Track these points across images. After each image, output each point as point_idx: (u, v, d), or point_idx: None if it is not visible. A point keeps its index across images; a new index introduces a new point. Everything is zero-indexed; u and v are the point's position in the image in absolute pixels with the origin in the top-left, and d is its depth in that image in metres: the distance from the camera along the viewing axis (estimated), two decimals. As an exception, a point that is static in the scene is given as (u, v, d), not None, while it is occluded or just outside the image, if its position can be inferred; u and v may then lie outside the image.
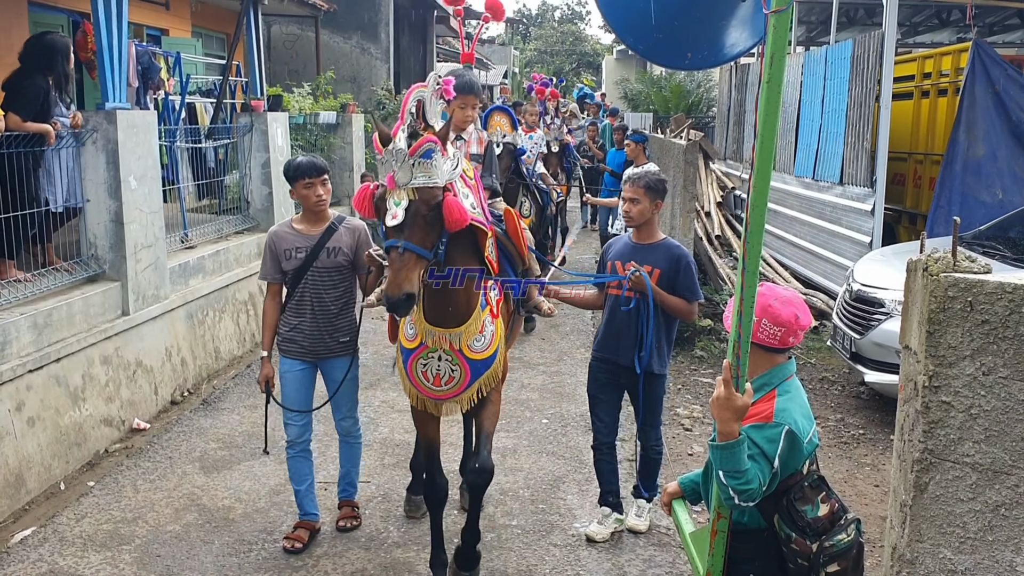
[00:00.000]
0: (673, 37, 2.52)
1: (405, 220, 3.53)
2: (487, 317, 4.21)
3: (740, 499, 2.52)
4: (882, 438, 6.54)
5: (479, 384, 4.20)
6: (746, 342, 2.42)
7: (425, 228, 3.59)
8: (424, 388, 4.22)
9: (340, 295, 4.74)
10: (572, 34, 60.72)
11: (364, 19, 17.82)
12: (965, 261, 2.45)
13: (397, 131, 3.58)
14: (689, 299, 4.69)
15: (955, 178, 9.15)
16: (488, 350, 4.21)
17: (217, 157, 9.64)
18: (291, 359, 4.78)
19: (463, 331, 4.10)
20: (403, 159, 3.50)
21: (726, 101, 16.51)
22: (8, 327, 5.45)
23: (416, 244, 3.54)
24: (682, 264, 4.67)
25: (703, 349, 8.58)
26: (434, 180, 3.56)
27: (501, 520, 5.17)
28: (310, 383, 4.86)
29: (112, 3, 6.63)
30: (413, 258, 3.54)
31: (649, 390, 4.78)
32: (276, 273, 4.74)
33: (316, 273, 4.68)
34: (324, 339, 4.74)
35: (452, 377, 4.16)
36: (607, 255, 4.95)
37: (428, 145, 3.52)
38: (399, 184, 3.53)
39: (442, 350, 4.12)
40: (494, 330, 4.26)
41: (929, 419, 2.45)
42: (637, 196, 4.70)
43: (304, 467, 4.88)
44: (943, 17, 14.51)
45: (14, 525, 5.11)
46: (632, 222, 4.78)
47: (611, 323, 4.79)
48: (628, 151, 9.74)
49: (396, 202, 3.54)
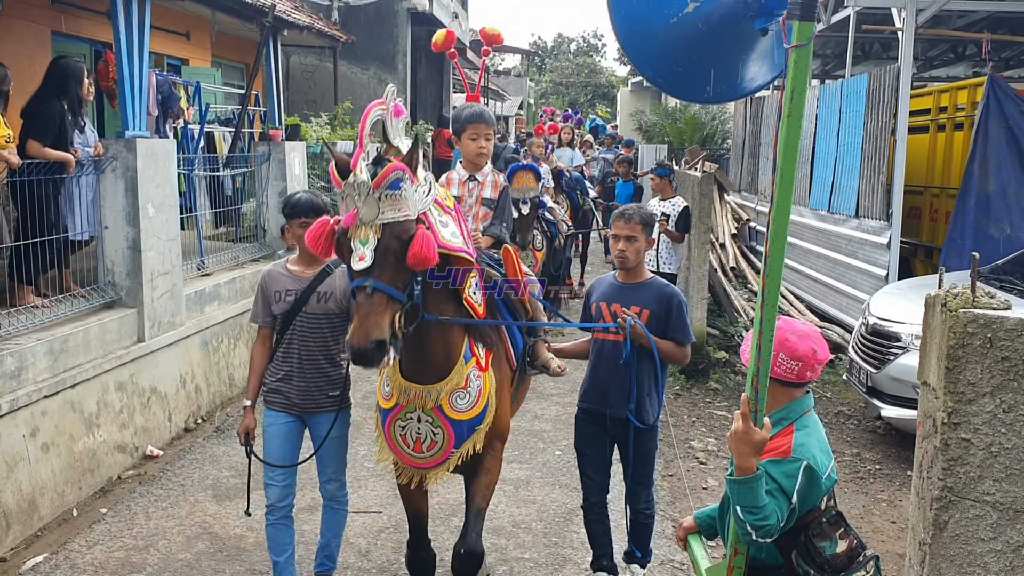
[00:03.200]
0: (693, 71, 2.52)
1: (375, 261, 3.13)
2: (472, 370, 3.75)
3: (757, 535, 2.49)
4: (899, 474, 6.47)
5: (466, 449, 3.77)
6: (765, 376, 2.41)
7: (397, 267, 3.19)
8: (404, 454, 3.80)
9: (330, 345, 4.30)
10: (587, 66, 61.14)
11: (382, 50, 18.00)
12: (984, 297, 2.43)
13: (357, 160, 3.17)
14: (681, 342, 4.30)
15: (968, 213, 9.13)
16: (474, 408, 3.75)
17: (235, 185, 9.71)
18: (276, 411, 4.36)
19: (443, 387, 3.67)
20: (367, 193, 3.11)
21: (741, 133, 16.54)
22: (25, 352, 5.48)
23: (387, 284, 3.15)
24: (674, 304, 4.28)
25: (718, 381, 8.53)
26: (405, 213, 3.17)
27: (513, 553, 5.13)
28: (296, 439, 4.41)
29: (134, 33, 6.73)
30: (384, 300, 3.14)
31: (640, 444, 4.37)
32: (266, 316, 4.35)
33: (304, 320, 4.25)
34: (311, 392, 4.30)
35: (434, 442, 3.72)
36: (591, 297, 4.54)
37: (395, 175, 3.13)
38: (364, 221, 3.12)
39: (421, 410, 3.69)
40: (481, 385, 3.79)
41: (948, 456, 2.42)
42: (635, 234, 4.29)
43: (284, 535, 4.39)
44: (959, 51, 14.52)
45: (26, 551, 5.11)
46: (627, 263, 4.35)
47: (596, 371, 4.42)
48: (653, 185, 9.58)
49: (363, 241, 3.12)
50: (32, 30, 8.97)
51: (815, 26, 2.14)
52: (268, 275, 4.38)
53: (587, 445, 4.55)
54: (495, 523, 5.40)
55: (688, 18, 2.30)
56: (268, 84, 10.51)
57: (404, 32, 18.10)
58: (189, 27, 11.81)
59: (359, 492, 5.87)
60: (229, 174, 9.46)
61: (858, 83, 10.29)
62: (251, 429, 4.34)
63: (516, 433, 6.62)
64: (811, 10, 2.08)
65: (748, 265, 13.39)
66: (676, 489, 6.08)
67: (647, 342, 4.17)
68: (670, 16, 2.33)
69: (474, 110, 4.36)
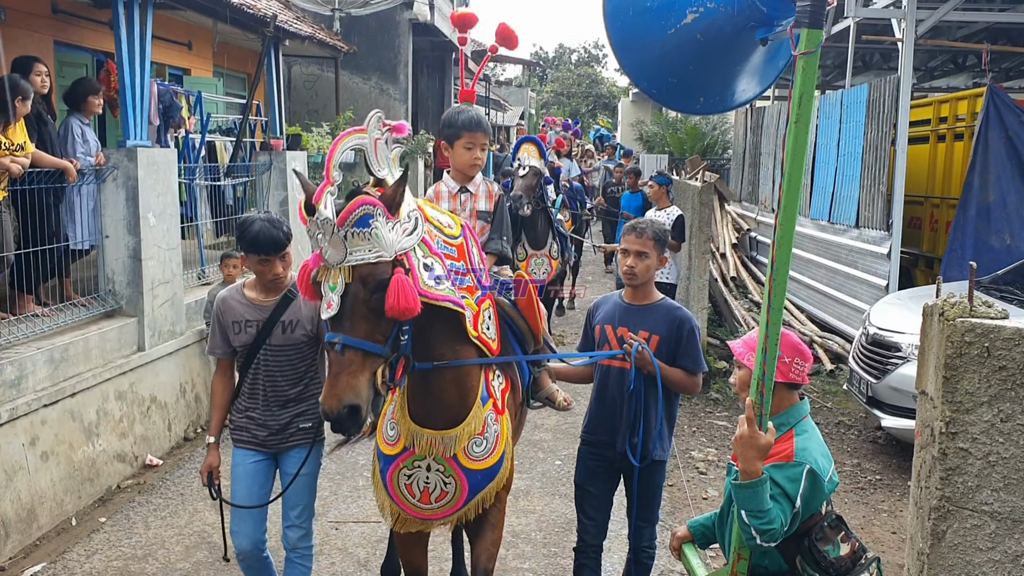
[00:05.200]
0: (687, 82, 2.54)
1: (343, 309, 2.72)
2: (490, 413, 3.35)
3: (762, 539, 2.50)
4: (899, 484, 6.45)
5: (479, 500, 3.38)
6: (770, 380, 2.42)
7: (371, 317, 2.75)
8: (408, 505, 3.37)
9: (299, 377, 3.92)
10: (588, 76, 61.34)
11: (383, 60, 18.05)
12: (982, 306, 2.43)
13: (322, 194, 2.74)
14: (692, 371, 3.98)
15: (968, 223, 9.14)
16: (491, 456, 3.35)
17: (235, 195, 9.74)
18: (243, 449, 3.97)
19: (459, 433, 3.25)
20: (331, 230, 2.69)
21: (741, 143, 16.57)
22: (25, 361, 5.49)
23: (361, 338, 2.72)
24: (685, 330, 3.95)
25: (718, 391, 8.53)
26: (377, 253, 2.74)
27: (512, 563, 5.12)
28: (265, 480, 4.01)
29: (136, 43, 6.76)
30: (358, 358, 2.71)
31: (647, 479, 4.03)
32: (225, 348, 3.93)
33: (270, 353, 3.85)
34: (281, 427, 3.93)
35: (445, 492, 3.31)
36: (594, 318, 4.18)
37: (363, 210, 2.69)
38: (330, 263, 2.73)
39: (432, 458, 3.28)
40: (498, 430, 3.39)
41: (946, 466, 2.41)
42: (646, 249, 3.94)
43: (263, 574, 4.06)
44: (959, 62, 14.55)
45: (25, 560, 5.10)
46: (635, 280, 3.99)
47: (602, 400, 4.05)
48: (651, 193, 9.58)
49: (331, 286, 2.72)
50: (34, 40, 8.99)
51: (823, 34, 2.15)
52: (223, 303, 3.92)
53: (590, 481, 4.14)
54: (494, 533, 5.38)
55: (686, 29, 2.31)
56: (269, 94, 10.55)
57: (406, 43, 18.15)
58: (191, 37, 11.84)
59: (359, 502, 5.87)
60: (230, 183, 9.49)
61: (858, 93, 10.31)
62: (215, 468, 3.94)
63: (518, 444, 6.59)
64: (819, 17, 2.10)
65: (749, 275, 13.40)
66: (676, 499, 6.07)
67: (654, 370, 3.84)
68: (667, 27, 2.34)
69: (471, 116, 4.00)
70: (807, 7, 2.08)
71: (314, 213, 2.72)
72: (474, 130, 3.95)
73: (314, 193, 2.75)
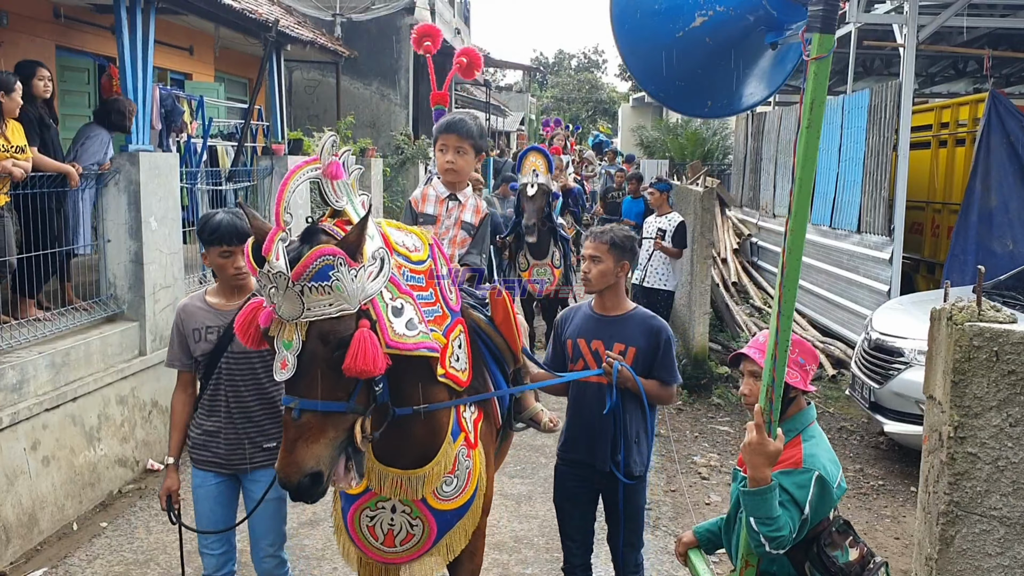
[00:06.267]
0: (694, 86, 2.53)
1: (300, 371, 2.38)
2: (461, 448, 3.08)
3: (771, 546, 2.49)
4: (902, 489, 6.44)
5: (447, 541, 3.13)
6: (779, 386, 2.40)
7: (331, 374, 2.41)
8: (370, 548, 3.12)
9: (265, 387, 3.65)
10: (588, 82, 61.41)
11: (384, 66, 18.08)
12: (990, 311, 2.42)
13: (272, 243, 2.35)
14: (667, 382, 3.82)
15: (970, 228, 9.15)
16: (462, 496, 3.09)
17: (237, 199, 9.73)
18: (204, 471, 3.73)
19: (427, 473, 2.96)
20: (285, 285, 2.33)
21: (742, 149, 16.58)
22: (26, 365, 5.47)
23: (322, 399, 2.40)
24: (662, 340, 3.79)
25: (720, 396, 8.51)
26: (339, 306, 2.38)
27: (515, 568, 5.10)
28: (229, 501, 3.78)
29: (138, 47, 6.77)
30: (316, 421, 2.39)
31: (630, 500, 3.87)
32: (185, 359, 3.69)
33: (232, 360, 3.59)
34: (244, 446, 3.67)
35: (411, 534, 3.06)
36: (564, 331, 3.97)
37: (321, 262, 2.33)
38: (284, 318, 2.37)
39: (397, 499, 3.01)
40: (470, 466, 3.12)
41: (955, 471, 2.41)
42: (599, 254, 3.79)
43: None
44: (960, 68, 14.58)
45: (26, 565, 5.08)
46: (590, 286, 3.85)
47: (579, 417, 3.84)
48: (651, 200, 9.54)
49: (285, 343, 2.38)
50: (36, 44, 9.00)
51: (835, 38, 2.14)
52: (184, 311, 3.70)
53: (569, 503, 3.98)
54: (497, 538, 5.37)
55: (695, 32, 2.30)
56: (271, 98, 10.56)
57: (407, 48, 18.16)
58: (192, 42, 11.86)
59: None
60: (232, 188, 9.48)
61: (860, 99, 10.32)
62: (174, 491, 3.68)
63: (517, 448, 6.60)
64: (831, 23, 2.09)
65: (750, 280, 13.40)
66: (679, 504, 6.05)
67: (635, 386, 3.70)
68: (675, 30, 2.34)
69: (448, 118, 3.79)
70: (819, 11, 2.08)
71: (264, 264, 2.36)
72: (447, 132, 3.74)
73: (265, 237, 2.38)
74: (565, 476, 3.98)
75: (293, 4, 15.77)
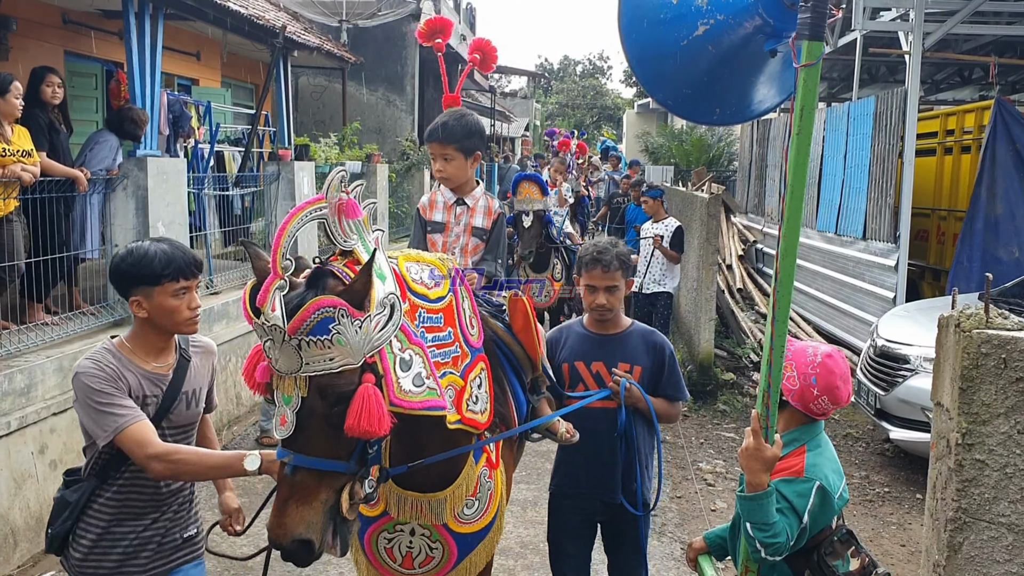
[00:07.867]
0: (702, 93, 2.55)
1: (299, 426, 2.22)
2: (483, 470, 2.93)
3: (767, 552, 2.49)
4: (908, 496, 6.43)
5: (468, 563, 2.98)
6: (775, 392, 2.41)
7: (331, 432, 2.25)
8: (387, 569, 2.98)
9: None
10: (593, 88, 61.52)
11: (390, 72, 18.15)
12: (998, 318, 2.43)
13: (267, 291, 2.18)
14: (675, 399, 3.65)
15: (976, 235, 9.16)
16: (484, 518, 2.94)
17: (243, 205, 9.77)
18: None
19: (448, 497, 2.81)
20: (282, 339, 2.16)
21: (748, 155, 16.59)
22: (34, 370, 5.49)
23: (317, 456, 2.24)
24: (666, 356, 3.61)
25: (726, 403, 8.51)
26: (343, 361, 2.20)
27: (522, 574, 5.11)
28: None
29: (146, 53, 6.82)
30: (312, 480, 2.23)
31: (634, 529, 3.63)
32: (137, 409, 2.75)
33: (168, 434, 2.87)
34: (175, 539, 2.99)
35: (430, 557, 2.92)
36: (558, 354, 3.67)
37: (320, 315, 2.14)
38: (282, 372, 2.21)
39: (417, 522, 2.87)
40: (492, 488, 2.97)
41: (963, 477, 2.41)
42: (615, 283, 3.53)
43: None
44: (965, 75, 14.59)
45: (33, 569, 5.10)
46: (608, 315, 3.60)
47: (580, 445, 3.42)
48: (646, 208, 9.43)
49: (285, 398, 2.23)
50: (44, 50, 9.05)
51: (824, 46, 2.16)
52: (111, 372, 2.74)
53: (567, 539, 3.68)
54: (503, 544, 5.36)
55: (698, 40, 2.32)
56: (278, 104, 10.60)
57: (412, 54, 18.24)
58: (200, 47, 11.91)
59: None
60: (238, 193, 9.53)
61: (865, 106, 10.33)
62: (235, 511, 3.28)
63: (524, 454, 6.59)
64: (820, 30, 2.11)
65: (755, 287, 13.40)
66: (685, 511, 6.05)
67: (645, 406, 3.48)
68: (680, 39, 2.35)
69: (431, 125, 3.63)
70: (807, 19, 2.10)
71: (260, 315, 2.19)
72: (429, 140, 3.61)
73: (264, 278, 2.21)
74: (565, 511, 3.70)
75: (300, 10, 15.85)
